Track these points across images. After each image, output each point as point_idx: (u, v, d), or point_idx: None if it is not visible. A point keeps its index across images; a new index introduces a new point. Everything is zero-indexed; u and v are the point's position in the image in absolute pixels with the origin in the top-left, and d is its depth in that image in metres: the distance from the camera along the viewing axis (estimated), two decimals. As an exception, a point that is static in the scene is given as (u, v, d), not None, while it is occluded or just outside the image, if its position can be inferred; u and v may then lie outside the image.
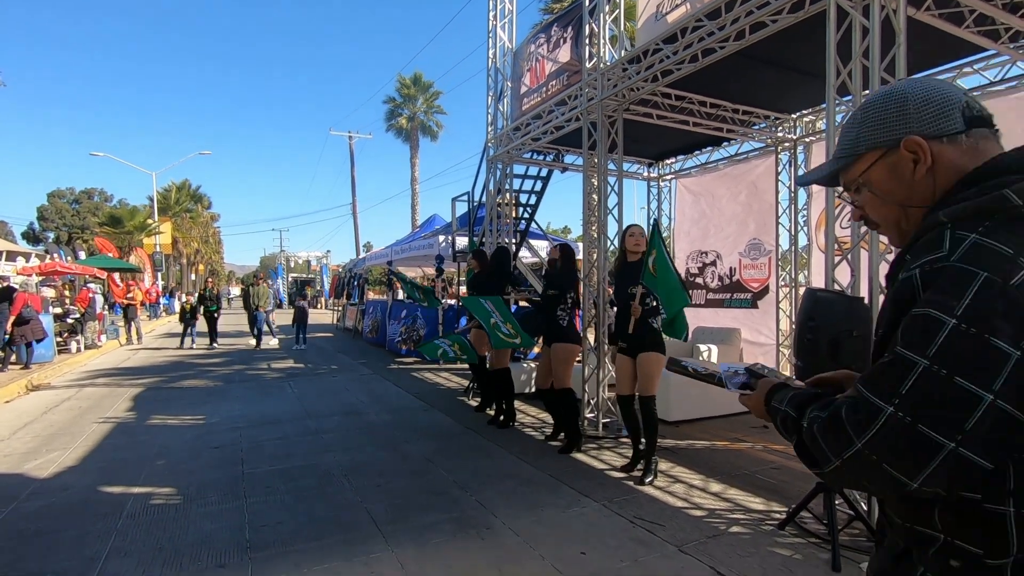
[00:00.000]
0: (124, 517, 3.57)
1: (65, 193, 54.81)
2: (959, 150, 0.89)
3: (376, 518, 3.52)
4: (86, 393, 7.99)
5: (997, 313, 0.73)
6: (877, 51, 3.20)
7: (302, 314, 13.92)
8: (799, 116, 6.88)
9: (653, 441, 4.22)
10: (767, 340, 7.61)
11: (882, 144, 0.93)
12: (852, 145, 0.98)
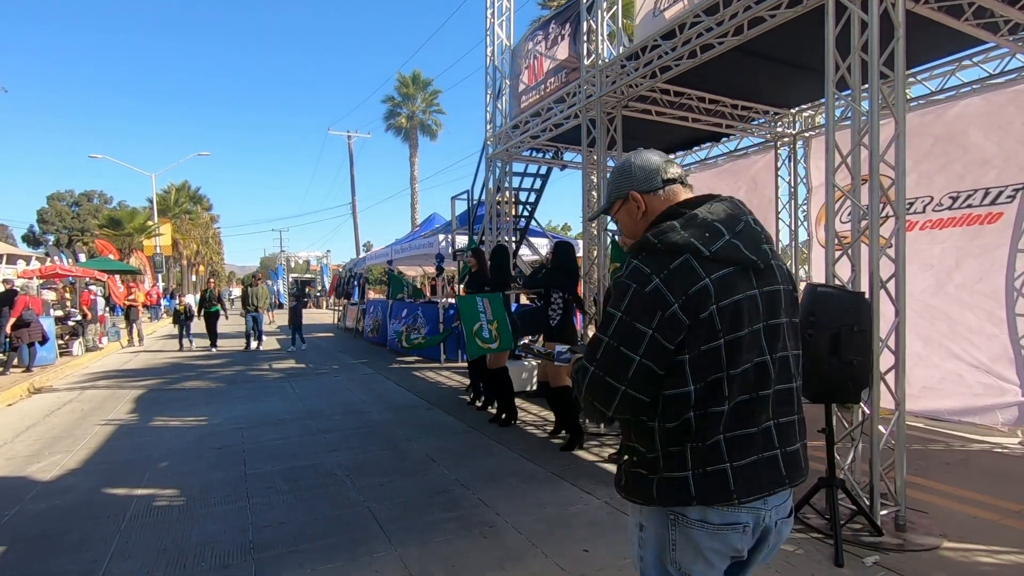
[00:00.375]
0: (127, 519, 3.57)
1: (65, 196, 54.83)
2: (659, 200, 1.43)
3: (379, 517, 3.53)
4: (88, 395, 8.00)
5: (638, 308, 1.25)
6: (876, 45, 3.18)
7: (296, 315, 13.84)
8: (798, 111, 6.87)
9: None
10: (768, 336, 7.61)
11: (620, 196, 1.47)
12: (608, 195, 1.53)
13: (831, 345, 2.88)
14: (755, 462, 1.27)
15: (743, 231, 1.33)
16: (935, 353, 5.68)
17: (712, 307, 1.24)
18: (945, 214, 5.72)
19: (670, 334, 1.23)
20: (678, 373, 1.25)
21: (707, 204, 1.38)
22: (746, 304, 1.27)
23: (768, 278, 1.34)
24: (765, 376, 1.29)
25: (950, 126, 5.62)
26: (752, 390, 1.28)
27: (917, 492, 3.69)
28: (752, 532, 1.30)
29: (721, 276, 1.26)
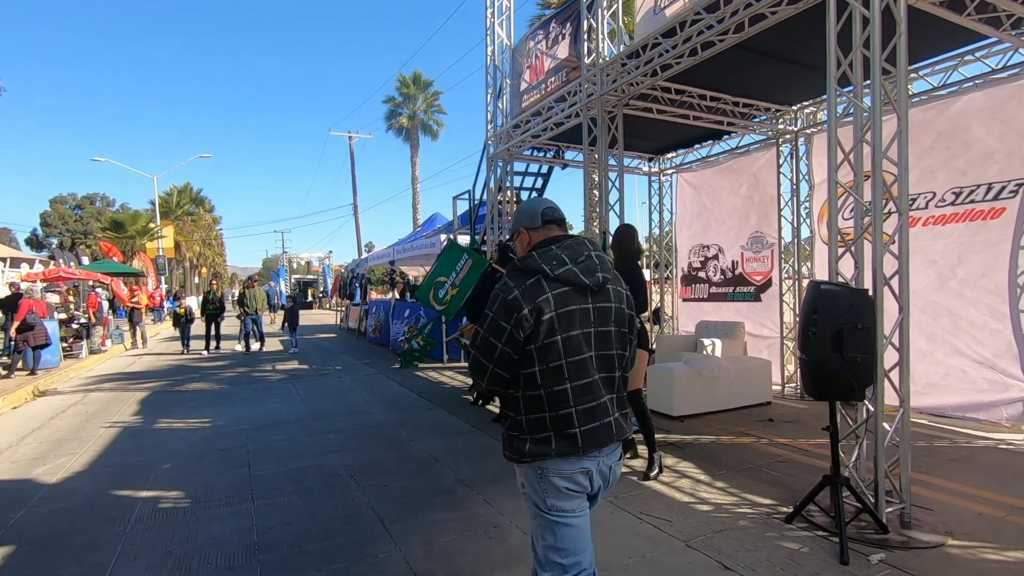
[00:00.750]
0: (133, 521, 3.59)
1: (67, 199, 54.97)
2: (538, 235, 1.93)
3: (383, 518, 3.53)
4: (92, 398, 8.02)
5: (502, 311, 1.75)
6: (878, 41, 3.17)
7: (292, 316, 13.73)
8: (800, 107, 6.85)
9: (649, 435, 4.24)
10: (771, 333, 7.60)
11: (514, 231, 2.04)
12: (511, 228, 2.11)
13: (834, 342, 2.87)
14: (596, 427, 1.79)
15: (583, 262, 1.83)
16: (938, 349, 5.67)
17: (551, 313, 1.75)
18: (948, 210, 5.70)
19: (520, 330, 1.74)
20: (528, 358, 1.77)
21: (563, 242, 1.88)
22: (578, 313, 1.78)
23: (602, 298, 1.85)
24: (589, 367, 1.80)
25: (952, 121, 5.60)
26: (585, 375, 1.78)
27: (922, 489, 3.69)
28: (594, 475, 1.84)
29: (559, 292, 1.77)
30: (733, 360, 6.48)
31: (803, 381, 3.16)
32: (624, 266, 4.47)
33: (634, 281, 4.39)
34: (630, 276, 4.42)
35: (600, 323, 1.82)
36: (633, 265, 4.51)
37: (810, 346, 2.99)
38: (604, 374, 1.83)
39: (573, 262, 1.81)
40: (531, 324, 1.73)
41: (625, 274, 4.41)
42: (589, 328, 1.80)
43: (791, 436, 5.17)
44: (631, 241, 4.59)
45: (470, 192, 10.12)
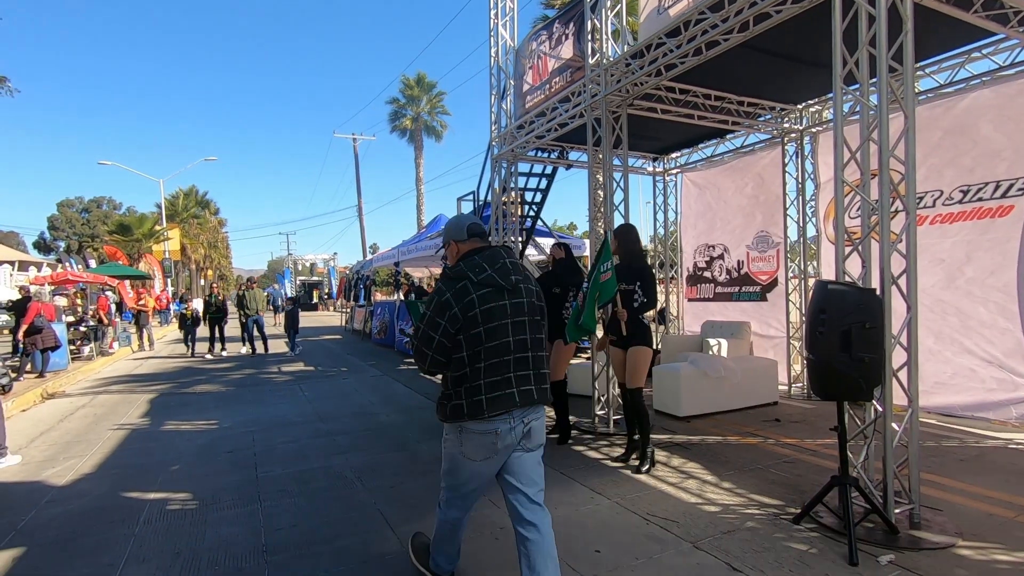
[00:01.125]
0: (141, 523, 3.60)
1: (74, 202, 55.35)
2: (466, 246, 2.39)
3: (390, 519, 3.54)
4: (100, 400, 8.07)
5: (438, 308, 2.23)
6: (884, 39, 3.16)
7: (292, 319, 13.55)
8: (805, 106, 6.82)
9: (645, 430, 4.36)
10: (777, 333, 7.57)
11: (445, 242, 2.51)
12: (443, 240, 2.55)
13: (842, 342, 2.85)
14: (500, 395, 2.25)
15: (499, 268, 2.31)
16: (947, 348, 5.63)
17: (476, 310, 2.23)
18: (955, 208, 5.66)
19: (452, 324, 2.24)
20: (459, 345, 2.25)
21: (484, 252, 2.35)
22: (497, 309, 2.27)
23: (515, 295, 2.32)
24: (507, 349, 2.27)
25: (960, 119, 5.56)
26: (499, 356, 2.26)
27: (931, 489, 3.66)
28: (505, 434, 2.28)
29: (482, 293, 2.25)
30: (739, 360, 6.46)
31: (810, 381, 3.14)
32: (636, 265, 4.56)
33: (646, 278, 4.48)
34: (641, 274, 4.49)
35: (515, 315, 2.32)
36: (643, 263, 4.61)
37: (817, 346, 2.97)
38: (519, 354, 2.32)
39: (492, 268, 2.29)
40: (460, 319, 2.23)
41: (636, 272, 4.45)
42: (506, 320, 2.29)
43: (798, 436, 5.15)
44: (637, 240, 4.70)
45: (474, 193, 10.14)
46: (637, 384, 4.40)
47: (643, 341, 4.42)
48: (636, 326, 4.44)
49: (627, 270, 4.53)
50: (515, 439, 2.32)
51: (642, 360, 4.40)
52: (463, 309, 2.21)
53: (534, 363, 2.36)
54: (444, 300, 2.24)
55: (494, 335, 2.25)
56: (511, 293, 2.30)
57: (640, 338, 4.42)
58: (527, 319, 2.35)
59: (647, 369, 4.46)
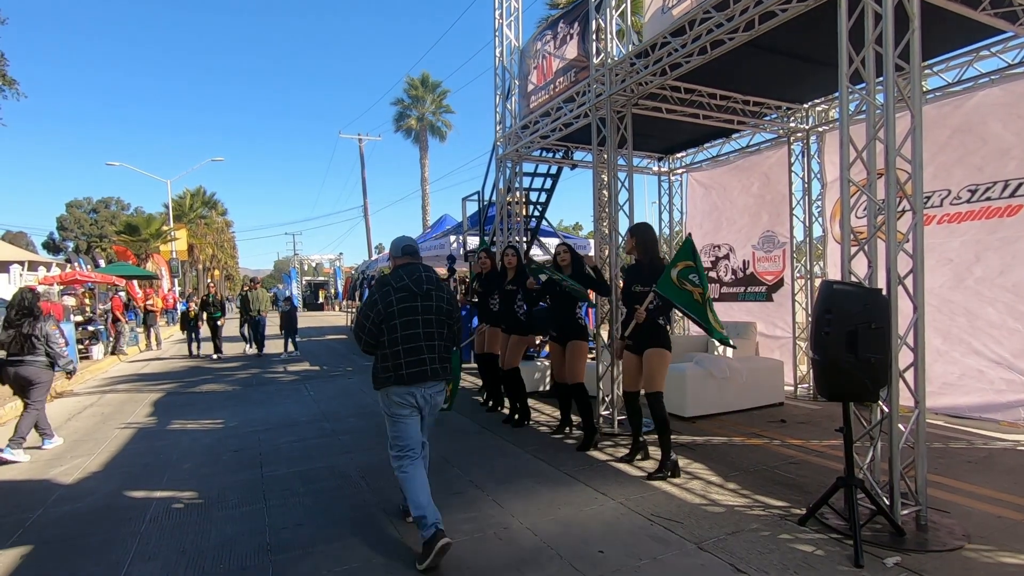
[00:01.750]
0: (147, 521, 3.63)
1: (83, 203, 55.81)
2: (400, 261, 3.31)
3: (394, 520, 3.54)
4: (108, 399, 8.13)
5: (369, 304, 3.15)
6: (891, 37, 3.13)
7: (289, 320, 13.00)
8: (811, 105, 6.78)
9: (665, 437, 4.17)
10: (783, 333, 7.53)
11: (390, 257, 3.49)
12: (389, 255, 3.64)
13: (848, 343, 2.84)
14: (416, 370, 3.07)
15: (415, 279, 3.14)
16: (955, 349, 5.58)
17: (394, 308, 3.06)
18: (963, 207, 5.62)
19: (377, 317, 3.06)
20: (383, 332, 3.06)
21: (408, 266, 3.20)
22: (410, 308, 3.10)
23: (426, 299, 3.15)
24: (419, 338, 3.09)
25: (968, 117, 5.52)
26: (413, 343, 3.07)
27: (938, 491, 3.64)
28: (418, 397, 3.13)
29: (399, 296, 3.08)
30: (745, 360, 6.43)
31: (816, 382, 3.12)
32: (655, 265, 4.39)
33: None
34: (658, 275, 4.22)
35: (425, 313, 3.15)
36: (661, 263, 4.41)
37: (823, 346, 2.95)
38: (427, 342, 3.14)
39: (409, 279, 3.14)
40: (383, 314, 3.08)
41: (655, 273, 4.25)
42: (417, 316, 3.12)
43: (804, 437, 5.12)
44: (655, 240, 4.61)
45: (479, 193, 10.14)
46: (656, 388, 4.22)
47: (660, 343, 4.24)
48: (655, 328, 4.25)
49: (645, 270, 4.37)
50: (424, 402, 3.17)
51: (660, 363, 4.22)
52: (384, 307, 3.08)
53: (440, 350, 3.20)
54: (373, 299, 3.14)
55: (408, 327, 3.09)
56: (423, 297, 3.15)
57: (657, 340, 4.24)
58: (434, 317, 3.18)
59: (665, 372, 4.28)
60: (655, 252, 4.53)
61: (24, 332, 5.25)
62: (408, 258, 3.29)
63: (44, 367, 5.34)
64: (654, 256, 4.48)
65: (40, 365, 5.31)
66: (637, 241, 4.48)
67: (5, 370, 5.27)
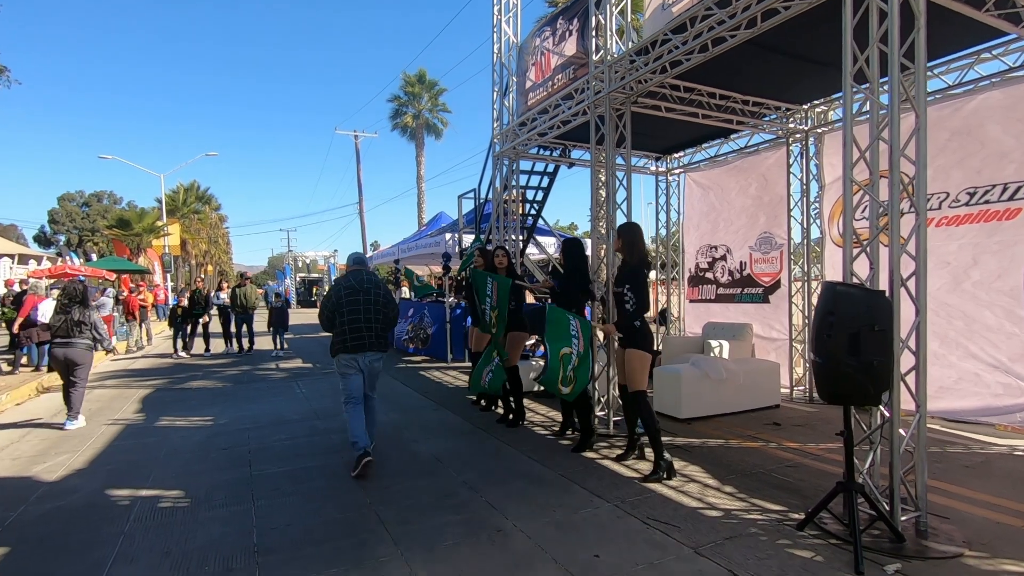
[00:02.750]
0: (131, 521, 3.53)
1: (75, 196, 55.29)
2: (353, 268, 4.80)
3: (385, 520, 3.47)
4: (96, 395, 7.99)
5: (327, 297, 4.68)
6: (896, 35, 3.08)
7: (280, 316, 12.73)
8: (811, 107, 6.75)
9: (653, 436, 4.14)
10: (779, 335, 7.50)
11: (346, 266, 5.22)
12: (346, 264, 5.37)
13: (850, 345, 2.78)
14: (356, 343, 4.39)
15: (358, 280, 4.54)
16: (952, 352, 5.56)
17: (343, 299, 4.44)
18: (962, 210, 5.60)
19: (332, 307, 4.48)
20: (335, 316, 4.46)
21: (354, 272, 4.65)
22: (354, 300, 4.45)
23: (367, 295, 4.48)
24: (359, 321, 4.41)
25: (968, 120, 5.49)
26: (355, 324, 4.40)
27: (937, 496, 3.59)
28: (360, 362, 4.44)
29: (347, 292, 4.48)
30: (741, 362, 6.39)
31: (817, 384, 3.07)
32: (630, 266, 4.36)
33: (636, 281, 4.28)
34: (632, 276, 4.30)
35: (365, 304, 4.45)
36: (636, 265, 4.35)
37: (825, 349, 2.90)
38: (366, 325, 4.43)
39: (354, 280, 4.52)
40: (335, 304, 4.46)
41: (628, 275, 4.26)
42: (359, 306, 4.44)
43: (800, 440, 5.08)
44: (641, 239, 4.49)
45: (475, 191, 10.07)
46: (637, 387, 4.25)
47: (637, 344, 4.24)
48: (630, 330, 4.27)
49: (619, 272, 4.45)
50: (364, 366, 4.48)
51: (637, 363, 4.23)
52: (336, 300, 4.49)
53: (376, 330, 4.50)
54: (330, 294, 4.63)
55: (353, 314, 4.44)
56: (364, 293, 4.50)
57: (634, 341, 4.25)
58: (372, 307, 4.50)
59: (646, 373, 4.29)
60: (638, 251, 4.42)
61: (74, 318, 6.04)
62: (356, 266, 4.78)
63: (87, 349, 6.18)
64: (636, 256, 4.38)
65: (84, 347, 6.14)
66: (624, 241, 4.45)
67: (54, 351, 6.11)
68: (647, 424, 4.19)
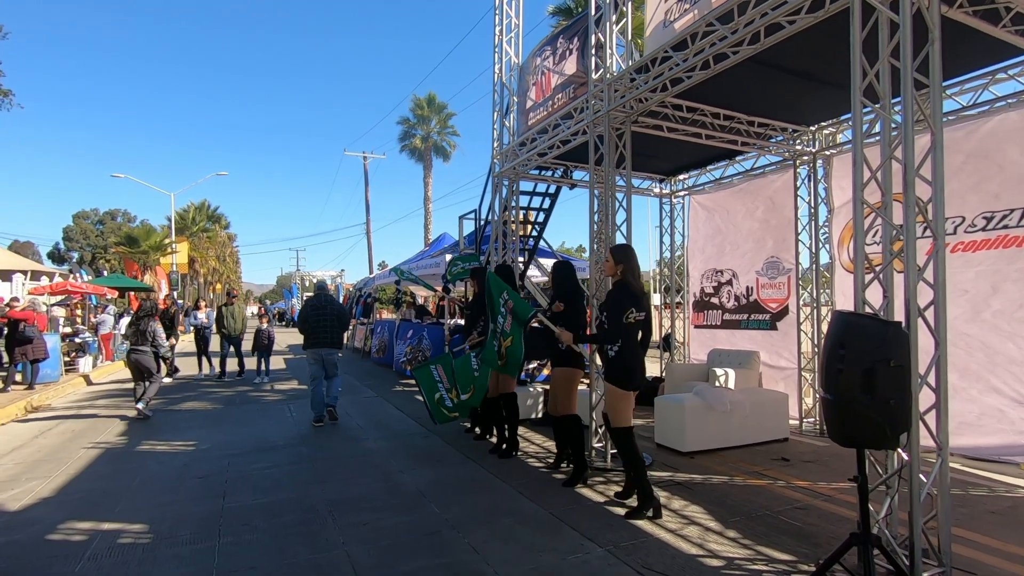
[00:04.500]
0: (85, 559, 3.28)
1: (89, 214, 56.11)
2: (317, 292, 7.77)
3: (356, 564, 3.20)
4: (83, 416, 7.80)
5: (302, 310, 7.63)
6: (909, 49, 2.88)
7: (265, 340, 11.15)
8: (818, 128, 6.56)
9: (636, 473, 3.90)
10: (788, 364, 7.19)
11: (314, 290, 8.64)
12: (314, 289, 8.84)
13: (864, 382, 2.51)
14: (318, 342, 7.07)
15: (320, 301, 7.27)
16: (973, 386, 5.24)
17: (309, 316, 7.13)
18: (979, 235, 5.33)
19: (305, 317, 7.19)
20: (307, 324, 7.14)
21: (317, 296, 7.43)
22: (318, 315, 7.10)
23: (323, 309, 7.13)
24: (320, 328, 7.05)
25: (984, 143, 5.27)
26: (318, 331, 7.05)
27: (961, 547, 3.27)
28: (320, 354, 7.06)
29: (313, 308, 7.18)
30: (747, 392, 6.08)
31: (828, 425, 2.79)
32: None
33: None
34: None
35: (327, 318, 7.05)
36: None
37: (836, 386, 2.63)
38: (323, 331, 7.01)
39: (317, 302, 7.24)
40: (305, 316, 7.19)
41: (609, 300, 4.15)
42: (321, 319, 7.04)
43: (810, 478, 4.75)
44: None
45: (476, 212, 9.93)
46: (617, 424, 3.95)
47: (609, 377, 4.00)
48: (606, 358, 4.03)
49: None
50: (323, 356, 6.99)
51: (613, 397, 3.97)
52: (305, 315, 7.14)
53: (332, 334, 7.05)
54: (304, 309, 7.31)
55: (317, 325, 6.99)
56: (323, 309, 7.05)
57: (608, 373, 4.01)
58: (328, 319, 7.00)
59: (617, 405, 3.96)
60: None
61: (140, 328, 7.40)
62: (319, 291, 7.48)
63: (149, 355, 7.49)
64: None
65: (147, 354, 7.47)
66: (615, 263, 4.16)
67: (128, 356, 7.60)
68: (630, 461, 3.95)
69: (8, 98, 9.49)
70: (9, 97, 9.52)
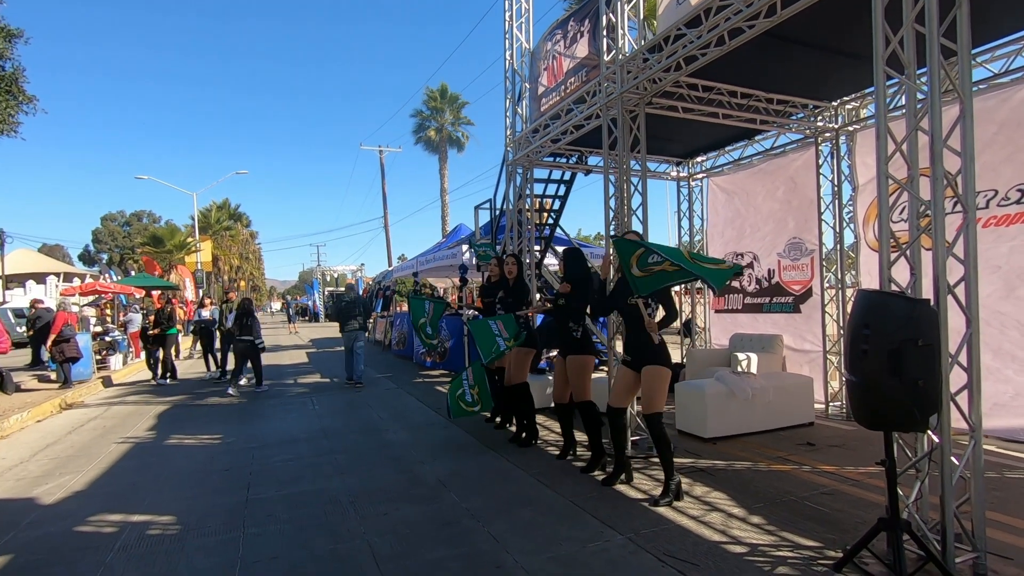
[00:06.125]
0: (116, 550, 3.37)
1: (117, 216, 57.47)
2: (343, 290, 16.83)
3: (377, 553, 3.22)
4: (113, 411, 8.02)
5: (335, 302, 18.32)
6: (935, 13, 2.74)
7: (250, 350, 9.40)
8: (840, 103, 6.34)
9: (667, 461, 3.88)
10: (812, 347, 7.03)
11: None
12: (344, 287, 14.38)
13: (891, 363, 2.43)
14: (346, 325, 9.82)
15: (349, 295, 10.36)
16: (1007, 366, 5.05)
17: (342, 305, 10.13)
18: (1012, 209, 5.11)
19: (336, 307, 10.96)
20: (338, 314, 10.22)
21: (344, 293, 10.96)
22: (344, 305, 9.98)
23: (352, 302, 9.95)
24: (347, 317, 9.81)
25: (1018, 111, 5.03)
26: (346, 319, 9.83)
27: (996, 532, 3.16)
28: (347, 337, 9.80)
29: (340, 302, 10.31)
30: (770, 377, 5.97)
31: (853, 407, 2.71)
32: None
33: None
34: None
35: (349, 306, 9.83)
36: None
37: (861, 367, 2.55)
38: (349, 319, 9.72)
39: (346, 295, 10.39)
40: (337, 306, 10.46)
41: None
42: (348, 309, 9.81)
43: (837, 463, 4.65)
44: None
45: (491, 201, 9.88)
46: (656, 408, 3.91)
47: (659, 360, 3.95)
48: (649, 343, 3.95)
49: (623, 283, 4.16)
50: (349, 339, 9.73)
51: (660, 381, 3.92)
52: (337, 305, 10.34)
53: (357, 320, 9.71)
54: (337, 302, 10.69)
55: (345, 312, 9.78)
56: (350, 302, 9.90)
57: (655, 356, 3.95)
58: (353, 308, 9.77)
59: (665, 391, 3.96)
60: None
61: (244, 322, 9.22)
62: (345, 289, 10.58)
63: (250, 344, 9.28)
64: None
65: (248, 343, 9.26)
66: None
67: (235, 344, 9.39)
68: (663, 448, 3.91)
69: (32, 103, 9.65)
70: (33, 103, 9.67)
